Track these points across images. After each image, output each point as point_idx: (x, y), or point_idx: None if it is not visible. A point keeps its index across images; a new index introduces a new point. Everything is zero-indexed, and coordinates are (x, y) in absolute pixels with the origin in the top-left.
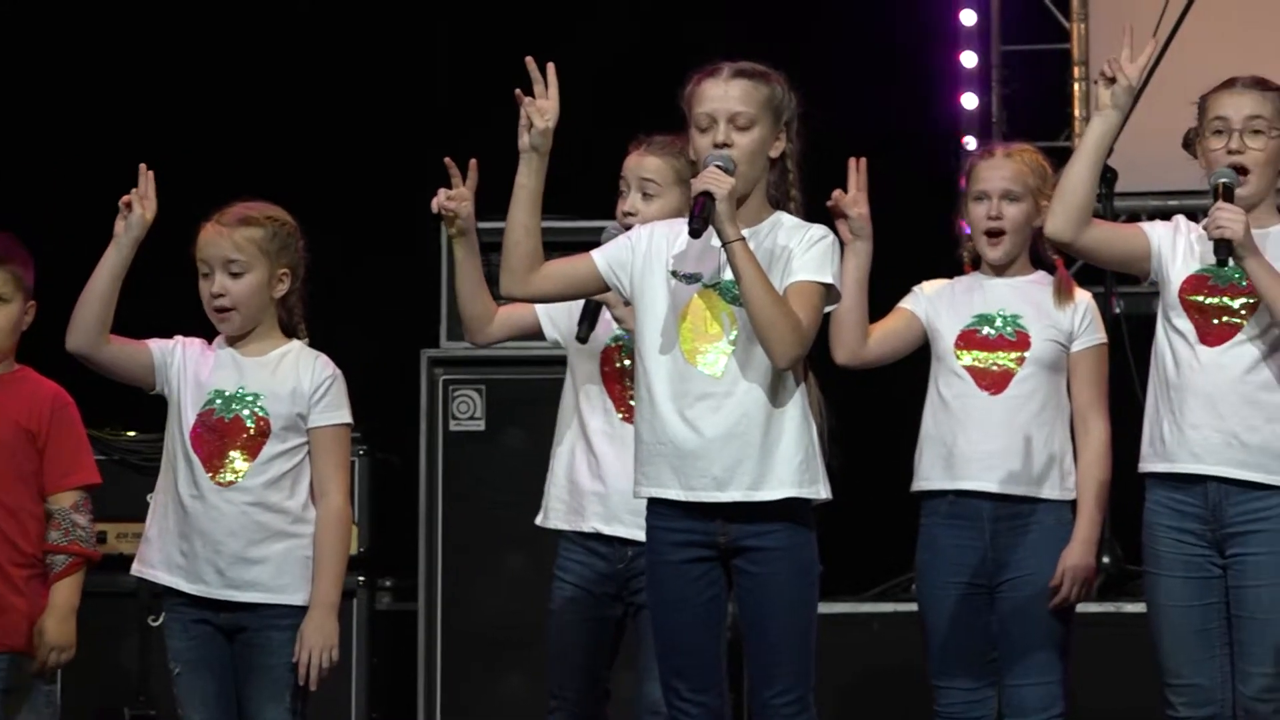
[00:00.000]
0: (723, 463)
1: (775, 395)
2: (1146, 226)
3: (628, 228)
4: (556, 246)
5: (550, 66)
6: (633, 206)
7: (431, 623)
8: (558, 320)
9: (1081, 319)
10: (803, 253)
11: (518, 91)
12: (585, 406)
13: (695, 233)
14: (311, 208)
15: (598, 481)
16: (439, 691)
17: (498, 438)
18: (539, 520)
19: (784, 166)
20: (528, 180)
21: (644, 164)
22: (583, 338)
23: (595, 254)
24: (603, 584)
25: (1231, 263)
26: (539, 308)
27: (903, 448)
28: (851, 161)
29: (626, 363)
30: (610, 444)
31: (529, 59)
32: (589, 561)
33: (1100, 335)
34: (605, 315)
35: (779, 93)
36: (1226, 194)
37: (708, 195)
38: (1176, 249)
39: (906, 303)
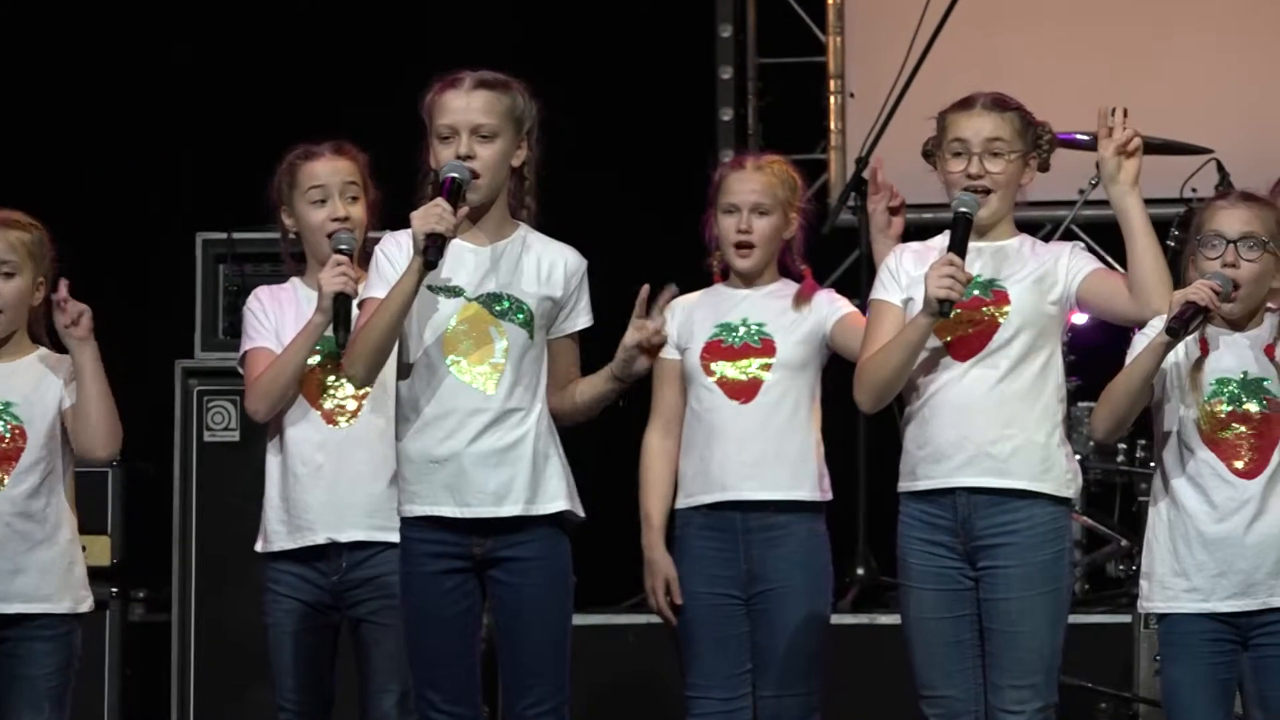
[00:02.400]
0: (498, 478)
1: (543, 411)
2: (893, 283)
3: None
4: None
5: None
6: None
7: (185, 634)
8: None
9: (828, 307)
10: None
11: None
12: (289, 419)
13: (430, 265)
14: (68, 218)
15: (315, 493)
16: (192, 702)
17: (252, 448)
18: (259, 547)
19: (522, 175)
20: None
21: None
22: (343, 342)
23: (381, 291)
24: (316, 593)
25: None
26: None
27: None
28: None
29: (314, 360)
30: (322, 451)
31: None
32: (303, 573)
33: (847, 305)
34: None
35: (520, 102)
36: (966, 225)
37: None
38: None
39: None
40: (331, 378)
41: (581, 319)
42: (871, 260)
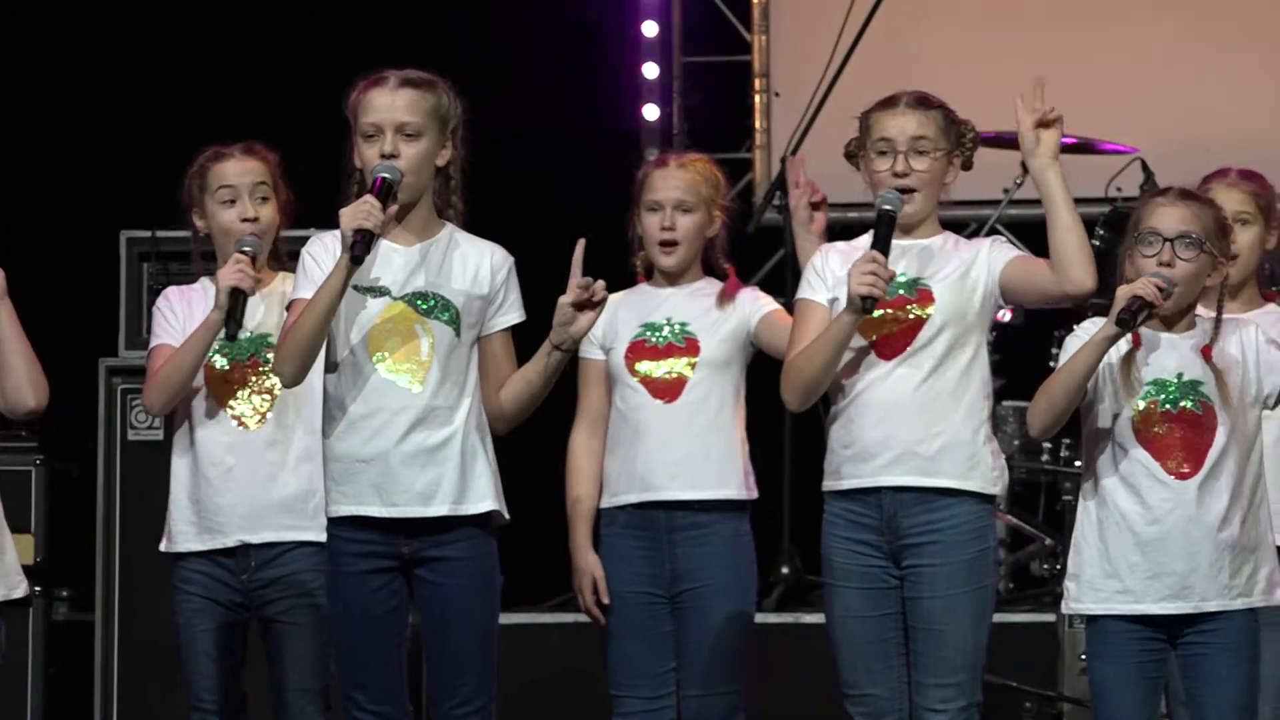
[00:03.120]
0: (425, 478)
1: (470, 410)
2: (819, 282)
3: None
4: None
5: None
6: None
7: (109, 633)
8: None
9: (752, 305)
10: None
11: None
12: (198, 419)
13: (357, 260)
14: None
15: (226, 494)
16: (115, 701)
17: None
18: (163, 546)
19: (448, 175)
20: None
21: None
22: (233, 335)
23: (308, 292)
24: (227, 592)
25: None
26: None
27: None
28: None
29: (222, 363)
30: (233, 453)
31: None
32: (212, 571)
33: (771, 302)
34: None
35: (445, 101)
36: (890, 223)
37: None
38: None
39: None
40: (242, 379)
41: (512, 314)
42: (796, 259)
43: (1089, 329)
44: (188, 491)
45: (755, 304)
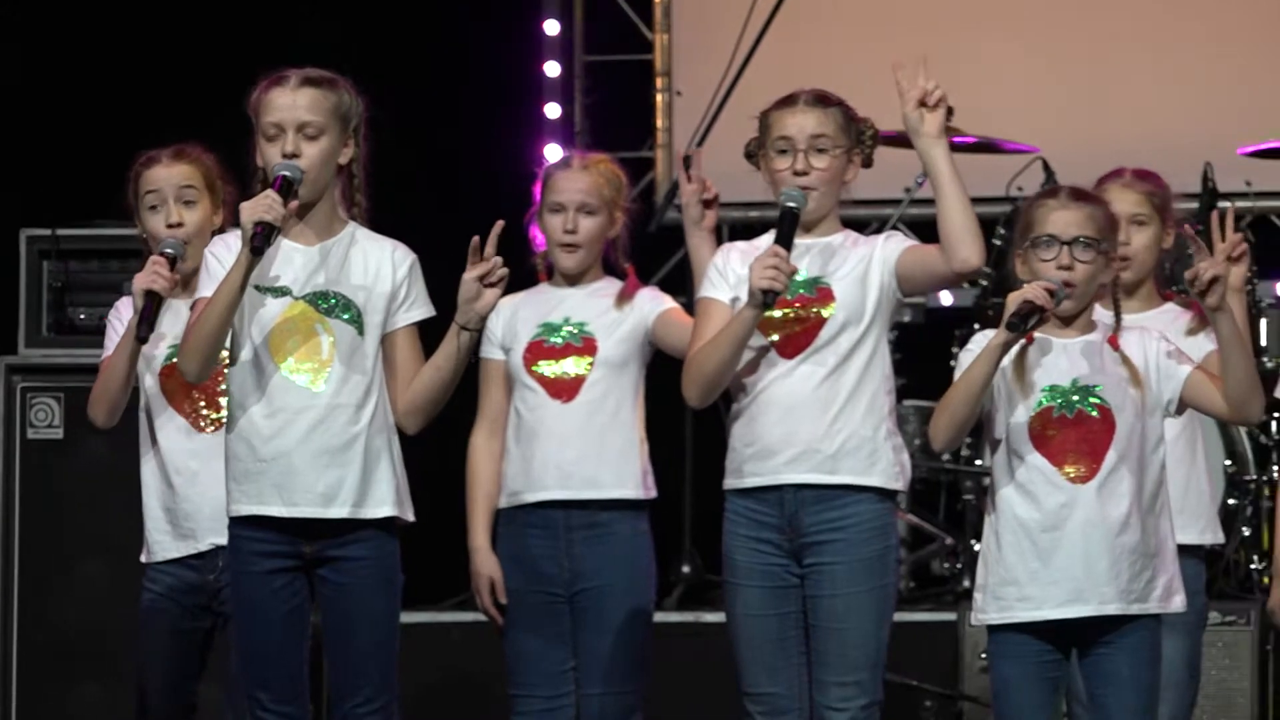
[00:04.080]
0: (327, 479)
1: (375, 411)
2: (721, 281)
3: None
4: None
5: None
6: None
7: (7, 632)
8: None
9: (650, 304)
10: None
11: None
12: (158, 427)
13: (257, 251)
14: None
15: (194, 499)
16: (14, 701)
17: (76, 446)
18: (144, 558)
19: (351, 173)
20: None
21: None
22: (143, 337)
23: (210, 290)
24: (193, 595)
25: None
26: None
27: None
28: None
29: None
30: (196, 458)
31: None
32: (178, 573)
33: (669, 301)
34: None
35: (347, 99)
36: (792, 220)
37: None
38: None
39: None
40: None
41: (416, 310)
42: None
43: (981, 342)
44: (159, 500)
45: (653, 303)
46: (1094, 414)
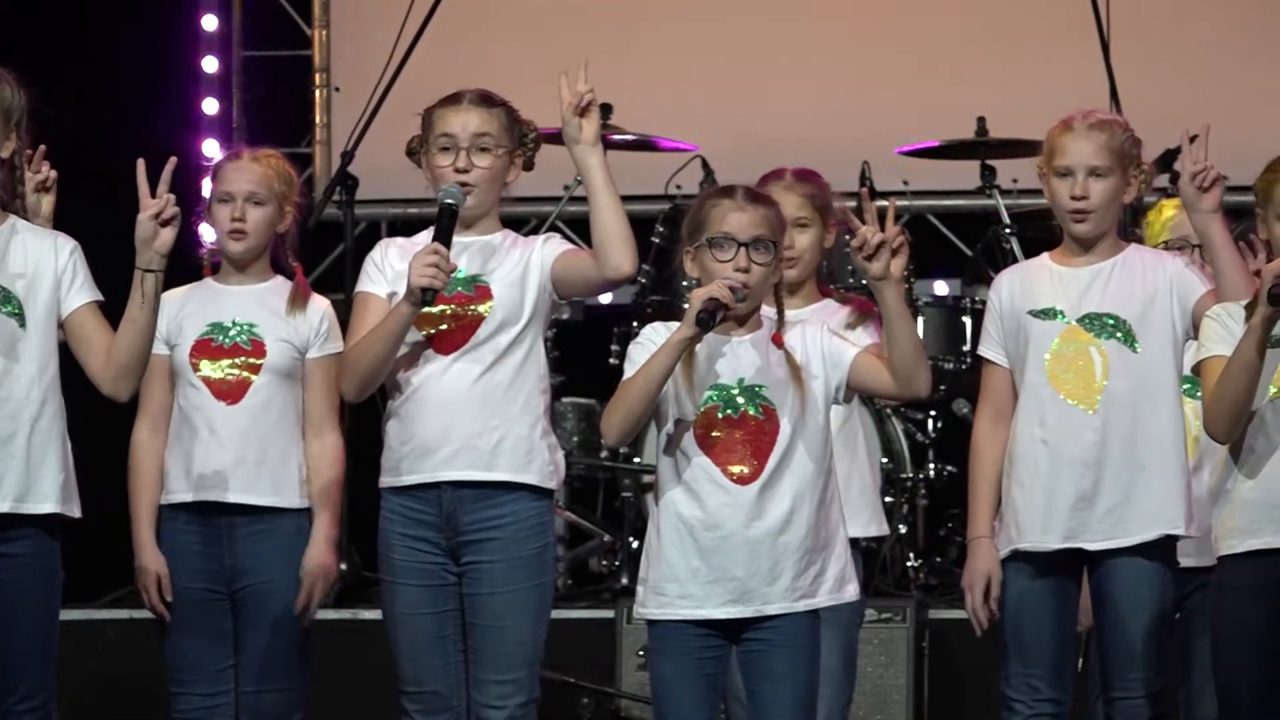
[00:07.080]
0: None
1: (42, 405)
2: (379, 276)
3: None
4: None
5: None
6: None
7: None
8: None
9: (318, 326)
10: None
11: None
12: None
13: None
14: None
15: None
16: None
17: None
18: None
19: (12, 165)
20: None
21: None
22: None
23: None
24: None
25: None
26: None
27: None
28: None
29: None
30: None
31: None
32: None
33: (336, 345)
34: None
35: (8, 93)
36: (451, 217)
37: None
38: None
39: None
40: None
41: (85, 293)
42: (354, 255)
43: (653, 335)
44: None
45: (322, 342)
46: (759, 414)
